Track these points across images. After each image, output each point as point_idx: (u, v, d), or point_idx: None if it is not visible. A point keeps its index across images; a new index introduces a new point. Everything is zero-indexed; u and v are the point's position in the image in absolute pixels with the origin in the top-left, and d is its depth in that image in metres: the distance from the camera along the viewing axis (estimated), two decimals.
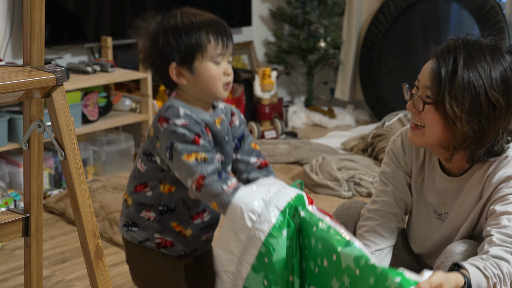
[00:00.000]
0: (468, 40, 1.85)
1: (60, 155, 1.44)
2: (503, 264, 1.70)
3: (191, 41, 1.81)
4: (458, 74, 1.78)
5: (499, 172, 1.83)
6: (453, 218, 1.93)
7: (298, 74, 5.30)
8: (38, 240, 1.61)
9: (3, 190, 3.28)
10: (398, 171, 2.04)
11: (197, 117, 1.81)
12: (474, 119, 1.78)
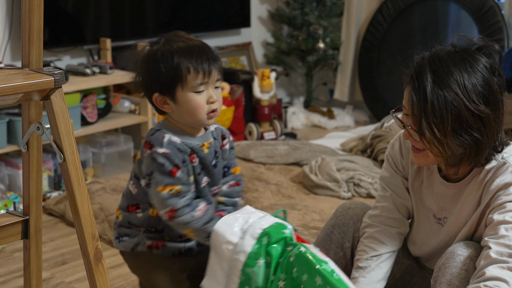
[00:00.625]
0: (434, 56, 1.78)
1: (59, 158, 1.44)
2: (502, 286, 1.67)
3: (170, 73, 1.81)
4: (428, 98, 1.73)
5: (497, 179, 1.80)
6: (452, 223, 1.92)
7: (297, 75, 5.30)
8: (37, 243, 1.61)
9: (3, 192, 3.28)
10: (396, 176, 2.03)
11: (182, 144, 1.85)
12: (464, 135, 1.74)
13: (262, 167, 3.80)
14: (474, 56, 1.77)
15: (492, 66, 1.78)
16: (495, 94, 1.76)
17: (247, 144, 4.06)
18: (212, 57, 1.84)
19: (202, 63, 1.81)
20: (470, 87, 1.72)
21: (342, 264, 2.08)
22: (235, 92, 4.36)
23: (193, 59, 1.81)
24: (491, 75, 1.76)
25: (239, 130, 4.38)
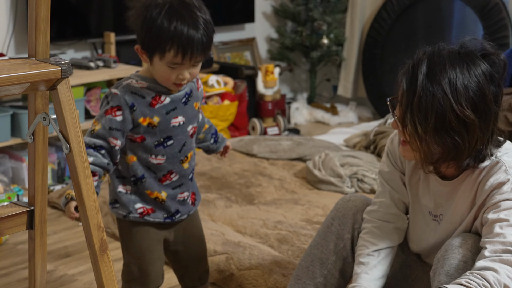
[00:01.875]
0: (435, 52, 1.77)
1: (65, 148, 1.43)
2: (488, 273, 1.66)
3: (155, 43, 1.86)
4: (417, 91, 1.71)
5: (491, 178, 1.79)
6: (448, 221, 1.92)
7: (300, 71, 5.30)
8: (42, 234, 1.61)
9: (6, 185, 3.29)
10: (394, 171, 2.04)
11: (142, 89, 1.92)
12: (444, 136, 1.72)
13: (265, 162, 3.80)
14: (475, 60, 1.75)
15: (492, 75, 1.75)
16: (487, 103, 1.72)
17: (251, 139, 4.06)
18: (201, 48, 1.86)
19: (186, 50, 1.84)
20: (461, 89, 1.70)
21: (342, 255, 2.09)
22: (238, 87, 4.35)
23: (180, 45, 1.83)
24: (489, 83, 1.73)
25: (242, 125, 4.38)
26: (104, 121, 1.89)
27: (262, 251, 2.61)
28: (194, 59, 1.87)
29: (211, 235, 2.76)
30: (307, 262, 2.12)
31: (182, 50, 1.84)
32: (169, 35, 1.82)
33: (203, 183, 3.44)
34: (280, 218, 2.99)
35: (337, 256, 2.09)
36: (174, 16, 1.84)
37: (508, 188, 1.76)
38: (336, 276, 2.10)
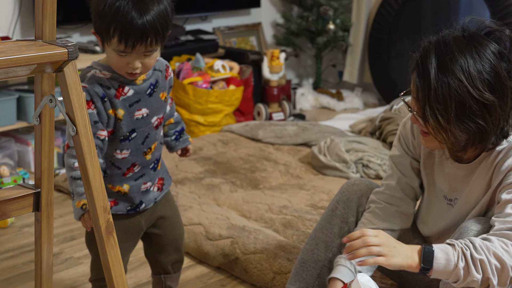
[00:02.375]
0: (440, 41, 1.76)
1: (72, 130, 1.43)
2: (477, 239, 1.69)
3: (101, 27, 1.80)
4: (432, 84, 1.71)
5: (508, 159, 1.80)
6: (462, 204, 1.93)
7: (306, 57, 5.29)
8: (48, 216, 1.61)
9: (12, 168, 3.29)
10: (405, 156, 2.04)
11: (106, 80, 1.86)
12: (468, 122, 1.73)
13: (270, 147, 3.80)
14: (482, 41, 1.75)
15: (501, 52, 1.75)
16: (502, 80, 1.73)
17: (256, 124, 4.06)
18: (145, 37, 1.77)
19: (128, 37, 1.76)
20: (475, 74, 1.71)
21: None
22: (244, 73, 4.35)
23: (123, 30, 1.76)
24: (499, 61, 1.74)
25: (247, 110, 4.37)
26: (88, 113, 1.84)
27: (267, 236, 2.62)
28: (140, 48, 1.79)
29: (216, 219, 2.76)
30: (312, 245, 2.13)
31: (125, 37, 1.76)
32: (111, 18, 1.76)
33: (208, 167, 3.45)
34: (285, 203, 3.00)
35: (341, 240, 2.10)
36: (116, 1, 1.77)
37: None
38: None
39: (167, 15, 1.82)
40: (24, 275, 2.52)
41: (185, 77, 4.07)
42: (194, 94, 4.00)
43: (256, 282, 2.44)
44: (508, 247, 1.68)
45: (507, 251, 1.68)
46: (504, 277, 1.68)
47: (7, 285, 2.45)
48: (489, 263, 1.67)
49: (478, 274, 1.67)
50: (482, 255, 1.67)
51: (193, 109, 4.04)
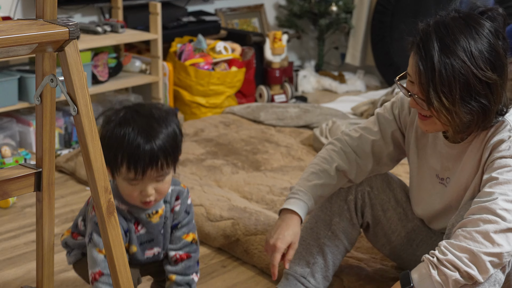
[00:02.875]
0: (439, 22, 1.76)
1: (73, 110, 1.43)
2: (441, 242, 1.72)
3: (109, 157, 1.73)
4: (436, 67, 1.71)
5: (495, 137, 1.81)
6: (454, 184, 1.93)
7: (308, 39, 5.27)
8: (50, 196, 1.61)
9: (14, 149, 3.30)
10: (393, 122, 2.07)
11: (127, 213, 1.85)
12: (472, 103, 1.73)
13: (272, 129, 3.79)
14: (479, 21, 1.75)
15: (497, 30, 1.76)
16: (501, 58, 1.75)
17: (258, 106, 4.06)
18: (153, 161, 1.74)
19: (136, 163, 1.73)
20: (477, 54, 1.71)
21: (346, 217, 2.14)
22: (246, 54, 4.33)
23: (130, 158, 1.73)
24: (496, 39, 1.75)
25: (249, 92, 4.37)
26: None
27: (268, 217, 2.62)
28: (152, 173, 1.75)
29: (217, 201, 2.77)
30: (311, 223, 2.16)
31: (134, 163, 1.73)
32: (117, 147, 1.73)
33: (210, 149, 3.45)
34: (287, 184, 3.00)
35: (340, 218, 2.13)
36: (125, 126, 1.74)
37: (506, 146, 1.78)
38: (340, 237, 2.14)
39: (176, 136, 1.79)
40: (25, 255, 2.53)
41: (186, 58, 4.06)
42: (195, 75, 3.99)
43: (257, 263, 2.44)
44: (471, 234, 1.68)
45: (472, 239, 1.68)
46: (481, 265, 1.68)
47: (8, 265, 2.46)
48: (458, 258, 1.68)
49: (453, 272, 1.67)
50: (448, 254, 1.68)
51: (194, 90, 4.03)
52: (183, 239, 1.95)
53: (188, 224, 1.96)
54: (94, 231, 1.83)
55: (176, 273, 1.95)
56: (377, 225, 2.16)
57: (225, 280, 2.39)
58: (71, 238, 2.02)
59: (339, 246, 2.14)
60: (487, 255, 1.67)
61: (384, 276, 2.24)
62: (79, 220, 1.99)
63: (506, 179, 1.73)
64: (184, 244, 1.96)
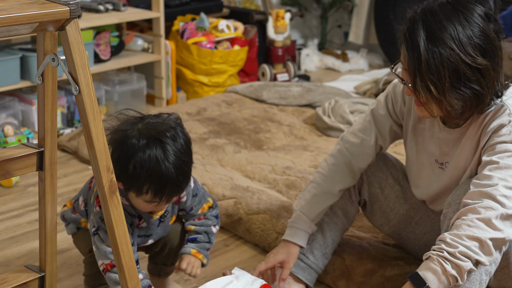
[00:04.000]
0: (426, 10, 1.73)
1: (74, 90, 1.43)
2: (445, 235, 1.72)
3: (131, 185, 1.79)
4: (423, 56, 1.69)
5: (494, 121, 1.79)
6: (452, 167, 1.93)
7: (311, 17, 5.24)
8: (52, 175, 1.61)
9: (16, 128, 3.30)
10: (388, 117, 2.06)
11: (131, 208, 1.88)
12: (463, 89, 1.71)
13: (275, 108, 3.79)
14: (467, 5, 1.73)
15: (487, 13, 1.73)
16: (492, 42, 1.72)
17: (260, 85, 4.05)
18: (177, 188, 1.81)
19: (164, 193, 1.79)
20: (465, 40, 1.69)
21: (345, 195, 2.18)
22: (249, 33, 4.31)
23: (158, 187, 1.77)
24: (487, 23, 1.72)
25: (252, 71, 4.35)
26: None
27: (271, 196, 2.63)
28: (170, 199, 1.83)
29: (220, 180, 2.77)
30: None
31: (160, 194, 1.78)
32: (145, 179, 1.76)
33: (212, 128, 3.44)
34: (289, 164, 3.00)
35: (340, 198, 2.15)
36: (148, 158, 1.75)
37: (507, 131, 1.77)
38: (339, 214, 2.17)
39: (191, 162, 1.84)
40: (28, 233, 2.54)
41: (189, 37, 4.05)
42: (198, 54, 3.98)
43: (259, 242, 2.45)
44: (474, 222, 1.69)
45: (476, 226, 1.69)
46: (487, 250, 1.70)
47: (12, 244, 2.47)
48: (468, 248, 1.68)
49: (467, 262, 1.68)
50: (459, 246, 1.68)
51: (197, 69, 4.02)
52: (199, 213, 2.03)
53: (200, 202, 2.02)
54: (101, 228, 1.85)
55: (194, 224, 2.03)
56: (375, 203, 2.17)
57: (227, 259, 2.40)
58: (70, 213, 2.03)
59: (338, 224, 2.16)
60: (491, 240, 1.69)
61: (386, 255, 2.25)
62: (80, 200, 2.00)
63: (507, 164, 1.73)
64: (201, 214, 2.04)
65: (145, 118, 1.85)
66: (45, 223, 1.64)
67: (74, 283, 2.22)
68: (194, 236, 2.02)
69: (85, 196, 1.99)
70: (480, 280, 1.76)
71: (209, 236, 2.02)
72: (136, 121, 1.84)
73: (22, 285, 1.63)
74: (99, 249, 1.85)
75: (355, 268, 2.18)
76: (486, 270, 1.77)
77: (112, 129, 1.83)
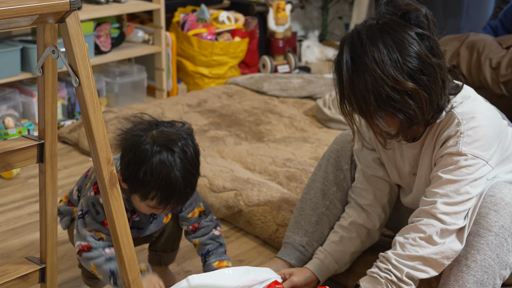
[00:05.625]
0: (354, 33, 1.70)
1: (75, 82, 1.43)
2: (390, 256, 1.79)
3: (138, 190, 1.81)
4: (345, 81, 1.68)
5: (444, 132, 1.78)
6: (419, 177, 1.94)
7: (312, 8, 5.23)
8: (52, 167, 1.61)
9: (17, 119, 3.30)
10: (364, 149, 2.07)
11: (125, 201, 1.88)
12: (392, 111, 1.68)
13: (275, 100, 3.79)
14: (397, 28, 1.68)
15: (419, 33, 1.69)
16: (426, 61, 1.67)
17: (261, 77, 4.04)
18: (183, 199, 1.84)
19: (169, 202, 1.82)
20: (390, 62, 1.64)
21: (343, 186, 2.17)
22: (249, 24, 4.31)
23: (164, 196, 1.80)
24: (417, 42, 1.67)
25: (252, 62, 4.35)
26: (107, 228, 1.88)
27: (271, 188, 2.63)
28: (175, 208, 1.87)
29: (220, 172, 2.77)
30: (310, 194, 2.19)
31: (166, 201, 1.81)
32: (154, 186, 1.79)
33: (213, 120, 3.44)
34: (289, 155, 3.00)
35: (337, 187, 2.16)
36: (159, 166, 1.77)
37: (453, 142, 1.75)
38: (338, 206, 2.17)
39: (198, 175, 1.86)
40: (29, 225, 2.55)
41: (189, 28, 4.04)
42: (198, 45, 3.98)
43: (260, 234, 2.46)
44: (416, 241, 1.76)
45: (418, 245, 1.76)
46: (433, 263, 1.77)
47: (12, 235, 2.48)
48: (413, 268, 1.76)
49: (410, 285, 1.78)
50: (404, 269, 1.76)
51: (197, 61, 4.02)
52: (190, 217, 2.02)
53: (191, 204, 2.02)
54: (90, 212, 1.88)
55: (196, 237, 2.04)
56: None
57: (228, 251, 2.40)
58: (65, 205, 2.05)
59: (337, 216, 2.18)
60: (436, 254, 1.76)
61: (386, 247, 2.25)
62: (74, 189, 2.02)
63: (449, 179, 1.75)
64: (192, 220, 2.03)
65: (159, 125, 1.85)
66: (45, 215, 1.65)
67: (74, 274, 2.22)
68: (206, 250, 2.03)
69: (80, 184, 2.01)
70: (493, 285, 1.79)
71: (217, 241, 2.03)
72: (150, 127, 1.85)
73: (23, 276, 1.64)
74: (79, 232, 1.87)
75: (356, 260, 2.18)
76: (500, 275, 1.79)
77: (125, 131, 1.85)
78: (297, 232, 2.18)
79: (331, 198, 2.17)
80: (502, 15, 3.64)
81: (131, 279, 1.54)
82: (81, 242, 1.86)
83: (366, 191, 2.08)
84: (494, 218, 1.77)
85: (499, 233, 1.77)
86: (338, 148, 2.17)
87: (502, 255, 1.78)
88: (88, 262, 1.85)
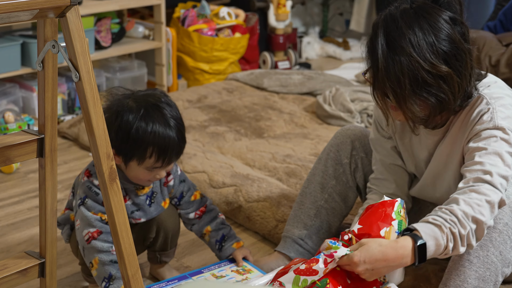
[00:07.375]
0: (388, 16, 1.71)
1: (75, 77, 1.43)
2: (454, 208, 1.66)
3: (134, 149, 1.85)
4: (380, 64, 1.68)
5: (474, 112, 1.78)
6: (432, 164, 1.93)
7: (313, 5, 5.23)
8: (52, 162, 1.61)
9: (17, 114, 3.30)
10: (381, 138, 2.06)
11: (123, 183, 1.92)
12: (425, 95, 1.69)
13: (275, 96, 3.79)
14: (431, 11, 1.70)
15: (452, 17, 1.70)
16: (457, 46, 1.69)
17: (261, 73, 4.04)
18: (178, 150, 1.89)
19: (166, 155, 1.86)
20: (426, 46, 1.66)
21: (342, 180, 2.18)
22: (250, 20, 4.30)
23: (161, 151, 1.85)
24: (452, 27, 1.69)
25: (253, 58, 4.35)
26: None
27: (271, 184, 2.63)
28: (172, 161, 1.90)
29: (220, 168, 2.77)
30: (309, 188, 2.19)
31: (163, 156, 1.85)
32: (149, 142, 1.83)
33: (213, 115, 3.44)
34: (289, 152, 3.00)
35: (337, 181, 2.17)
36: (151, 120, 1.83)
37: (487, 118, 1.75)
38: (337, 199, 2.18)
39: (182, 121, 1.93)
40: (29, 220, 2.55)
41: (190, 24, 4.04)
42: (199, 41, 3.98)
43: (259, 230, 2.46)
44: (481, 202, 1.67)
45: (480, 208, 1.66)
46: (479, 234, 1.68)
47: (12, 230, 2.48)
48: (470, 231, 1.66)
49: (463, 246, 1.67)
50: (467, 227, 1.65)
51: (198, 56, 4.02)
52: (193, 200, 2.09)
53: (190, 189, 2.09)
54: (88, 196, 1.89)
55: (206, 224, 2.09)
56: None
57: None
58: (62, 214, 2.05)
59: (336, 209, 2.18)
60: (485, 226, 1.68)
61: None
62: (70, 193, 2.04)
63: (495, 150, 1.72)
64: (196, 203, 2.10)
65: (135, 93, 1.92)
66: (45, 209, 1.65)
67: (74, 269, 2.23)
68: (220, 235, 2.09)
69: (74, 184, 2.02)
70: (495, 282, 1.78)
71: (227, 225, 2.12)
72: (128, 96, 1.91)
73: (22, 271, 1.64)
74: (83, 219, 1.88)
75: None
76: (502, 272, 1.79)
77: (105, 105, 1.89)
78: (296, 225, 2.19)
79: (330, 191, 2.18)
80: (501, 15, 3.64)
81: (131, 274, 1.55)
82: (90, 229, 1.87)
83: (387, 181, 2.06)
84: (499, 215, 1.77)
85: (503, 231, 1.77)
86: (338, 143, 2.18)
87: (505, 253, 1.78)
88: (93, 254, 1.85)
